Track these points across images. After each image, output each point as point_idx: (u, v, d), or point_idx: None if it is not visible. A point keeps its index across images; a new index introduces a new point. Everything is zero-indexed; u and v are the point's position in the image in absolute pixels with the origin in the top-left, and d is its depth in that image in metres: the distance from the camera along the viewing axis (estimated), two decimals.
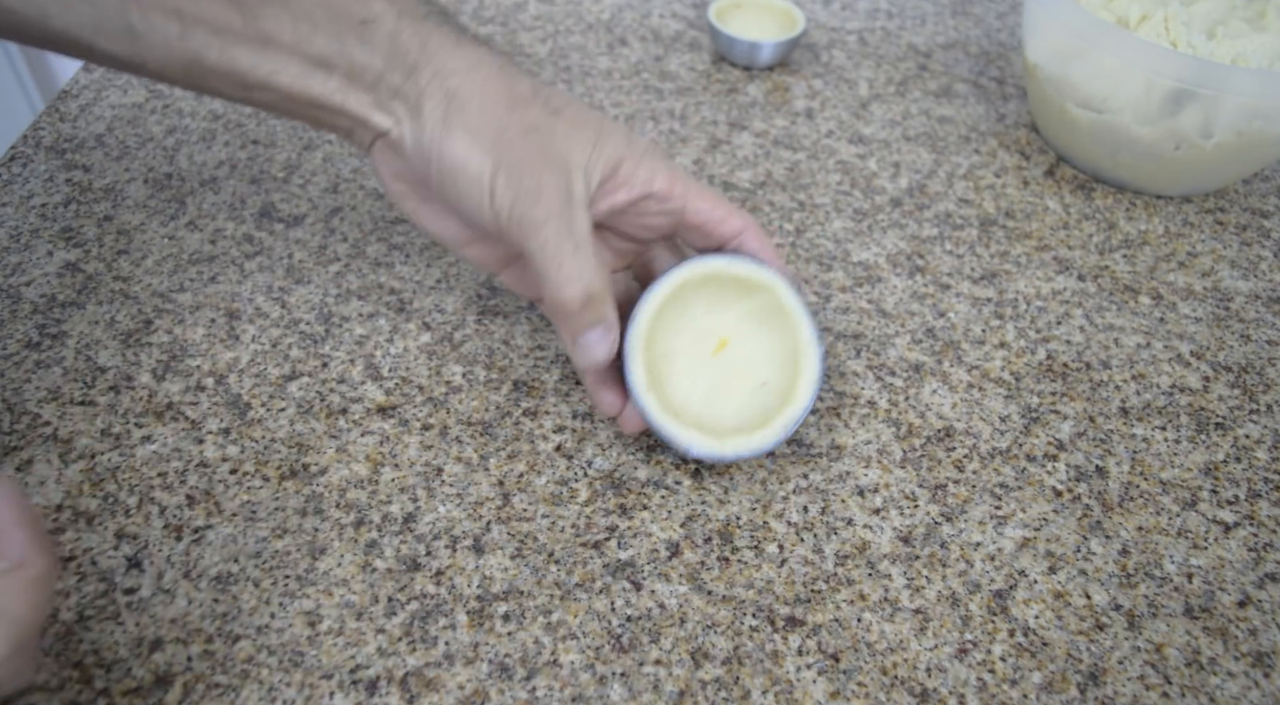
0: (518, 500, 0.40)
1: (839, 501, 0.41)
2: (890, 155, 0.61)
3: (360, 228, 0.52)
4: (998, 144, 0.63)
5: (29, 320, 0.45)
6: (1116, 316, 0.51)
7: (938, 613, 0.37)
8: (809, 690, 0.34)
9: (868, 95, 0.66)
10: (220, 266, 0.49)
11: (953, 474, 0.42)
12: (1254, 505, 0.42)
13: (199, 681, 0.33)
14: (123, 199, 0.52)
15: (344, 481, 0.40)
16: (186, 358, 0.44)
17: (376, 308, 0.47)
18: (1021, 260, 0.54)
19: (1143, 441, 0.45)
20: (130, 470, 0.39)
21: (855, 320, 0.49)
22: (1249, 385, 0.48)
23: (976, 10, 0.78)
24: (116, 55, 0.35)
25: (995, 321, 0.50)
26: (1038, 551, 0.40)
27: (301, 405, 0.42)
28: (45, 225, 0.50)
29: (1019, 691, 0.35)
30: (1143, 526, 0.41)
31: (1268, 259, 0.56)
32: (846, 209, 0.56)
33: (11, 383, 0.42)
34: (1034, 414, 0.45)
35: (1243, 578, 0.39)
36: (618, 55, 0.68)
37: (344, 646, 0.35)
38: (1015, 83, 0.69)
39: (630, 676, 0.34)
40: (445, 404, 0.43)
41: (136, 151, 0.55)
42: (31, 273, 0.47)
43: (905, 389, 0.46)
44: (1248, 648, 0.37)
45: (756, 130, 0.62)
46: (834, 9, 0.76)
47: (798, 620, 0.36)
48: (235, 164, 0.55)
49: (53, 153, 0.55)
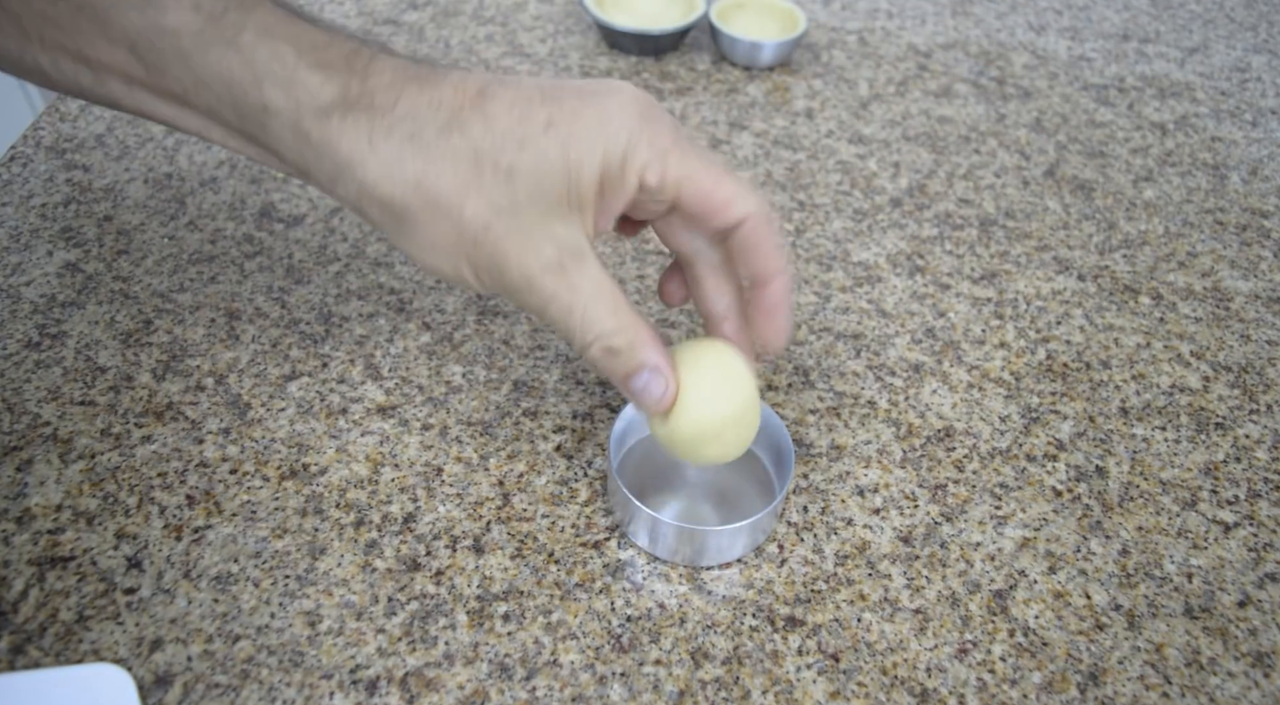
0: (518, 500, 0.40)
1: (839, 501, 0.41)
2: (890, 155, 0.61)
3: (360, 228, 0.52)
4: (998, 144, 0.63)
5: (29, 320, 0.45)
6: (1116, 316, 0.51)
7: (938, 613, 0.37)
8: (809, 690, 0.34)
9: (868, 95, 0.66)
10: (220, 266, 0.49)
11: (953, 474, 0.42)
12: (1254, 505, 0.42)
13: (199, 681, 0.33)
14: (123, 199, 0.52)
15: (344, 481, 0.40)
16: (186, 358, 0.44)
17: (376, 308, 0.47)
18: (1021, 260, 0.54)
19: (1143, 441, 0.45)
20: (130, 470, 0.39)
21: (855, 320, 0.49)
22: (1249, 385, 0.48)
23: (976, 10, 0.78)
24: (46, 87, 0.34)
25: (995, 321, 0.50)
26: (1038, 551, 0.40)
27: (301, 405, 0.42)
28: (45, 225, 0.50)
29: (1019, 691, 0.35)
30: (1143, 526, 0.41)
31: (1268, 259, 0.56)
32: (846, 209, 0.56)
33: (11, 383, 0.42)
34: (1034, 414, 0.45)
35: (1243, 578, 0.39)
36: (617, 55, 0.68)
37: (344, 646, 0.35)
38: (1015, 83, 0.69)
39: (630, 676, 0.34)
40: (445, 404, 0.43)
41: (136, 151, 0.55)
42: (31, 273, 0.47)
43: (905, 389, 0.46)
44: (1248, 648, 0.37)
45: (756, 130, 0.62)
46: (834, 9, 0.76)
47: (798, 620, 0.36)
48: (235, 164, 0.55)
49: (53, 153, 0.55)
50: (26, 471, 0.39)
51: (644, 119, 0.31)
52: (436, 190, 0.30)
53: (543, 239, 0.31)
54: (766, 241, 0.33)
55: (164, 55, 0.31)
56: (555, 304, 0.32)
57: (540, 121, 0.30)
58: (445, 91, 0.31)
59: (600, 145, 0.30)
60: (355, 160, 0.30)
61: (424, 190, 0.30)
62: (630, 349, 0.32)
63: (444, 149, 0.30)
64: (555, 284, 0.31)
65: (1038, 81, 0.70)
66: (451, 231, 0.31)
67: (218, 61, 0.30)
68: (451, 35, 0.68)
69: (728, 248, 0.34)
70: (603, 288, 0.32)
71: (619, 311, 0.32)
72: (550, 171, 0.30)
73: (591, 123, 0.31)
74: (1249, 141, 0.65)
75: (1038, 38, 0.75)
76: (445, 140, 0.30)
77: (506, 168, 0.30)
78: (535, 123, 0.30)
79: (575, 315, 0.32)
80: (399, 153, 0.30)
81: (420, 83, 0.31)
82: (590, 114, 0.31)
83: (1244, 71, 0.73)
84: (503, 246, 0.31)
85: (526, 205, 0.30)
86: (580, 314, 0.32)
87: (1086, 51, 0.74)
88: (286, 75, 0.30)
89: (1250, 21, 0.81)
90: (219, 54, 0.30)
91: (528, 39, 0.69)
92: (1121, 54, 0.74)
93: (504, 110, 0.31)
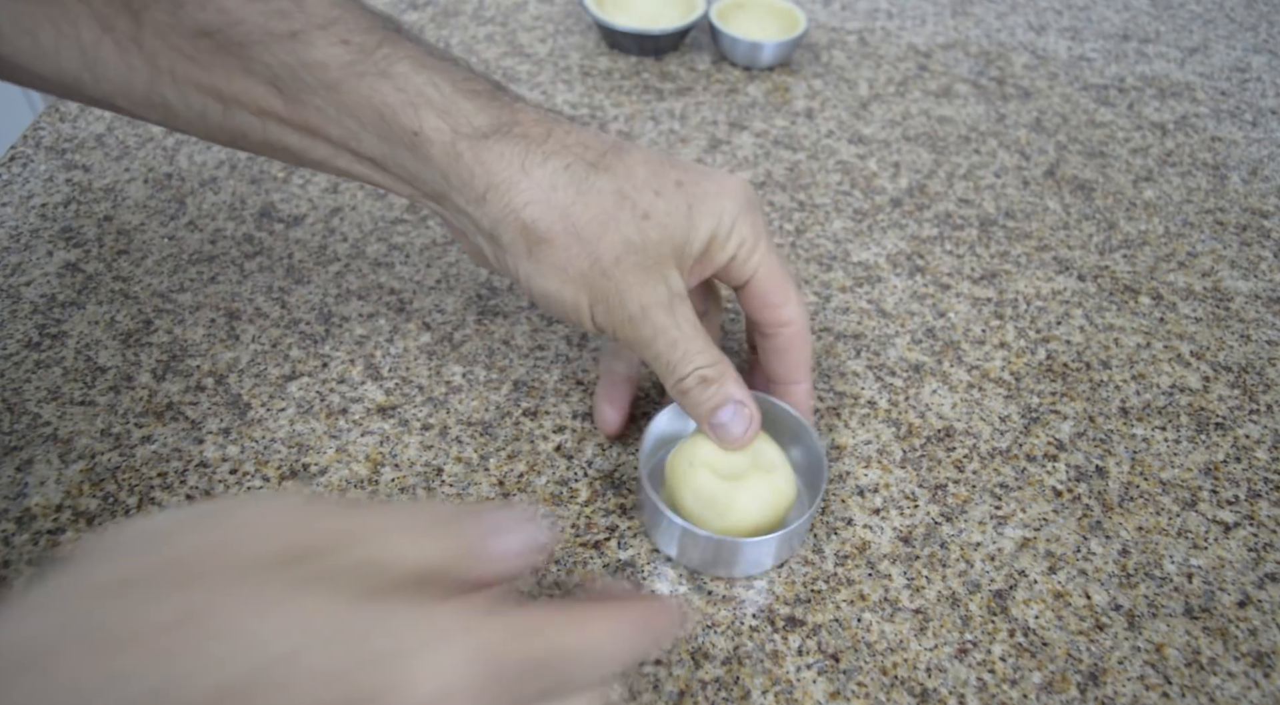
0: (518, 500, 0.40)
1: (839, 501, 0.41)
2: (890, 155, 0.61)
3: (360, 228, 0.52)
4: (998, 144, 0.63)
5: (29, 320, 0.45)
6: (1116, 316, 0.51)
7: (938, 613, 0.37)
8: (809, 690, 0.34)
9: (868, 95, 0.66)
10: (220, 266, 0.49)
11: (953, 474, 0.42)
12: (1254, 505, 0.42)
13: None
14: (123, 199, 0.52)
15: (344, 481, 0.40)
16: (186, 358, 0.44)
17: (376, 308, 0.47)
18: (1021, 260, 0.54)
19: (1143, 441, 0.45)
20: (130, 470, 0.39)
21: (855, 320, 0.49)
22: (1249, 385, 0.48)
23: (976, 10, 0.78)
24: (160, 122, 0.35)
25: (995, 321, 0.50)
26: (1038, 551, 0.40)
27: (301, 405, 0.42)
28: (45, 225, 0.50)
29: (1019, 691, 0.35)
30: (1143, 526, 0.41)
31: (1268, 259, 0.56)
32: (846, 209, 0.56)
33: (11, 383, 0.42)
34: (1034, 414, 0.45)
35: (1243, 578, 0.39)
36: (617, 55, 0.68)
37: None
38: (1015, 83, 0.69)
39: (630, 676, 0.34)
40: (445, 404, 0.43)
41: (136, 151, 0.55)
42: (31, 273, 0.47)
43: (905, 389, 0.46)
44: (1248, 648, 0.37)
45: (756, 130, 0.62)
46: (834, 9, 0.76)
47: (798, 620, 0.36)
48: (235, 164, 0.55)
49: (53, 153, 0.55)
50: (26, 471, 0.39)
51: (750, 205, 0.36)
52: (580, 220, 0.33)
53: (659, 280, 0.34)
54: (799, 352, 0.38)
55: (307, 87, 0.33)
56: (664, 337, 0.34)
57: (672, 179, 0.34)
58: (589, 136, 0.34)
59: (716, 213, 0.35)
60: (509, 182, 0.33)
61: (570, 218, 0.33)
62: (722, 381, 0.35)
63: (592, 184, 0.33)
64: (665, 319, 0.34)
65: (1038, 81, 0.70)
66: (585, 260, 0.33)
67: (369, 90, 0.32)
68: (452, 35, 0.68)
69: (763, 344, 0.39)
70: (698, 328, 0.35)
71: (711, 349, 0.35)
72: (676, 223, 0.34)
73: (712, 192, 0.35)
74: (1249, 141, 0.65)
75: (1038, 38, 0.75)
76: (594, 177, 0.33)
77: (644, 211, 0.33)
78: (668, 179, 0.34)
79: (679, 349, 0.34)
80: (552, 180, 0.33)
81: (565, 125, 0.34)
82: (711, 185, 0.35)
83: (1244, 71, 0.73)
84: (629, 280, 0.33)
85: (654, 248, 0.34)
86: (683, 348, 0.34)
87: (1086, 51, 0.74)
88: (443, 102, 0.33)
89: (1250, 21, 0.81)
90: (371, 83, 0.32)
91: (528, 39, 0.69)
92: (1121, 54, 0.74)
93: (640, 163, 0.34)
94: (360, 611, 0.20)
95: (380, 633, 0.20)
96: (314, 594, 0.20)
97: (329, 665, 0.19)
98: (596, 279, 0.33)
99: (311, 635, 0.19)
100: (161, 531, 0.21)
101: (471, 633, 0.20)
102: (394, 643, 0.20)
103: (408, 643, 0.20)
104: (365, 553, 0.21)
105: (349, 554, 0.21)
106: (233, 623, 0.19)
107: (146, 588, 0.19)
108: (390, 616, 0.20)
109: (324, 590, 0.20)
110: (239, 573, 0.20)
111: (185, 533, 0.21)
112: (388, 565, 0.21)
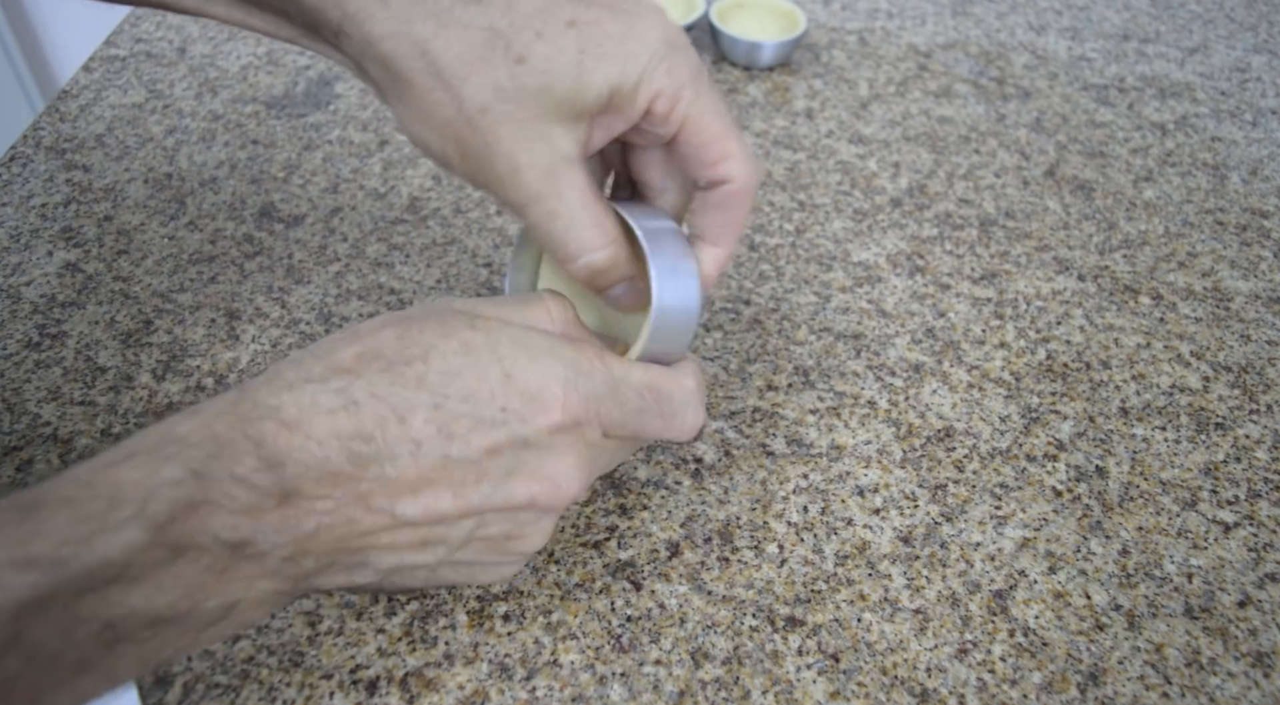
0: None
1: (839, 501, 0.41)
2: (890, 155, 0.61)
3: (360, 228, 0.52)
4: (998, 144, 0.63)
5: (29, 320, 0.45)
6: (1116, 316, 0.51)
7: (938, 613, 0.37)
8: (809, 690, 0.34)
9: (868, 95, 0.66)
10: (220, 266, 0.49)
11: (953, 474, 0.42)
12: (1254, 505, 0.42)
13: (199, 681, 0.33)
14: (123, 199, 0.52)
15: None
16: (186, 358, 0.44)
17: (376, 308, 0.47)
18: (1021, 260, 0.54)
19: (1143, 441, 0.45)
20: None
21: (855, 320, 0.49)
22: (1249, 385, 0.48)
23: (976, 10, 0.78)
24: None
25: (995, 321, 0.50)
26: (1038, 551, 0.40)
27: None
28: (45, 225, 0.50)
29: (1019, 691, 0.35)
30: (1143, 526, 0.41)
31: (1268, 259, 0.56)
32: (846, 209, 0.56)
33: (11, 383, 0.42)
34: (1034, 414, 0.45)
35: (1243, 578, 0.39)
36: None
37: (344, 646, 0.35)
38: (1015, 83, 0.69)
39: (630, 676, 0.34)
40: None
41: (136, 151, 0.55)
42: (31, 273, 0.47)
43: (905, 389, 0.46)
44: (1248, 648, 0.37)
45: (757, 130, 0.62)
46: (834, 9, 0.76)
47: (798, 620, 0.36)
48: (235, 164, 0.55)
49: (53, 153, 0.55)
50: (26, 471, 0.39)
51: (669, 46, 0.30)
52: (443, 59, 0.29)
53: (537, 136, 0.29)
54: (732, 214, 0.33)
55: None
56: (539, 206, 0.30)
57: (563, 18, 0.29)
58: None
59: (618, 60, 0.29)
60: (366, 11, 0.29)
61: (429, 57, 0.29)
62: (613, 266, 0.32)
63: (458, 17, 0.29)
64: (541, 186, 0.30)
65: (1038, 81, 0.70)
66: (449, 106, 0.29)
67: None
68: None
69: (702, 196, 0.33)
70: (589, 201, 0.31)
71: (603, 226, 0.31)
72: (561, 70, 0.29)
73: (614, 34, 0.29)
74: (1249, 141, 0.65)
75: (1038, 38, 0.75)
76: (461, 9, 0.29)
77: (519, 53, 0.29)
78: (558, 17, 0.29)
79: (558, 222, 0.31)
80: (410, 11, 0.28)
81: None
82: (615, 26, 0.29)
83: (1244, 71, 0.73)
84: (497, 132, 0.29)
85: (530, 97, 0.29)
86: (565, 222, 0.31)
87: (1086, 51, 0.74)
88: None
89: (1250, 21, 0.81)
90: None
91: None
92: (1121, 54, 0.74)
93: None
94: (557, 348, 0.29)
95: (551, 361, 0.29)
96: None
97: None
98: (462, 129, 0.29)
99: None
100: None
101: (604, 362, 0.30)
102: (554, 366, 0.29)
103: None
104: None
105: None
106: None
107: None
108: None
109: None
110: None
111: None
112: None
